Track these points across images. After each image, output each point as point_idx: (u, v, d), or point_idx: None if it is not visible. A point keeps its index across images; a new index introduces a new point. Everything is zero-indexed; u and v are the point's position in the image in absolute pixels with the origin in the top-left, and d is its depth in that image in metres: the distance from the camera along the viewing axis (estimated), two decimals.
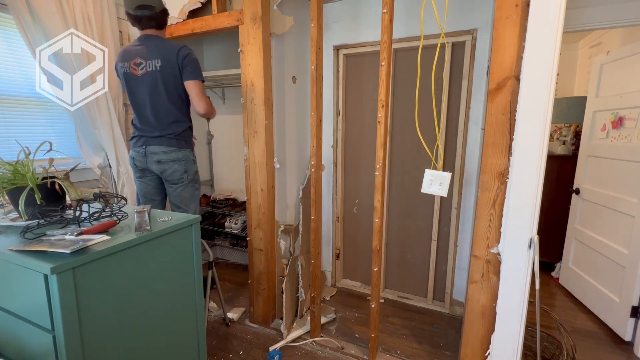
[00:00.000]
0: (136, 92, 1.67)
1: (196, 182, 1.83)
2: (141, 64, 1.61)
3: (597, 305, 2.25)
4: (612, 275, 2.11)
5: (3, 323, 1.01)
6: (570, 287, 2.55)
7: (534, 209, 1.24)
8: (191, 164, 1.78)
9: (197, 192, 1.85)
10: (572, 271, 2.52)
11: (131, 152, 1.78)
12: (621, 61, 2.14)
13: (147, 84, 1.64)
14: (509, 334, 1.36)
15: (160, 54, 1.60)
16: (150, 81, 1.63)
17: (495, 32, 1.24)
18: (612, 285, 2.11)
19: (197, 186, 1.84)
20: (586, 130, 2.45)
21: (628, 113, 2.06)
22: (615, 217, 2.11)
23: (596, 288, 2.25)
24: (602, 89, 2.33)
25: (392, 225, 2.48)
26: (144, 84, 1.64)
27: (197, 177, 1.85)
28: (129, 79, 1.67)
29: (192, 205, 1.81)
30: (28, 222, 1.11)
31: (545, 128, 1.19)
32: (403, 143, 2.33)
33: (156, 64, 1.60)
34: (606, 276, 2.16)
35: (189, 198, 1.80)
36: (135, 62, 1.61)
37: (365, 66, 2.37)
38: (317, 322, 1.97)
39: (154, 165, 1.73)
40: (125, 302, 1.04)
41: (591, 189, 2.36)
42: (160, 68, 1.61)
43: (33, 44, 1.73)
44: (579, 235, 2.46)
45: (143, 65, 1.61)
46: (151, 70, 1.61)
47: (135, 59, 1.61)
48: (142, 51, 1.61)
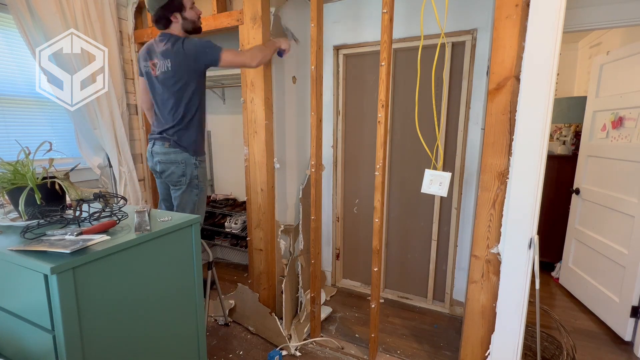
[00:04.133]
0: (153, 92, 1.68)
1: (196, 187, 1.75)
2: (156, 63, 1.61)
3: (597, 305, 2.25)
4: (612, 275, 2.11)
5: (3, 323, 1.01)
6: (570, 287, 2.55)
7: (534, 209, 1.24)
8: (191, 168, 1.71)
9: (196, 197, 1.77)
10: (572, 271, 2.52)
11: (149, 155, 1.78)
12: (621, 61, 2.14)
13: (160, 84, 1.64)
14: (509, 334, 1.36)
15: (170, 54, 1.57)
16: (163, 81, 1.62)
17: (495, 32, 1.24)
18: (612, 285, 2.11)
19: (198, 192, 1.76)
20: (586, 130, 2.45)
21: (628, 113, 2.05)
22: (615, 217, 2.11)
23: (596, 288, 2.25)
24: (602, 89, 2.32)
25: (392, 225, 2.48)
26: (158, 84, 1.65)
27: (199, 183, 1.76)
28: (149, 78, 1.67)
29: (187, 210, 1.74)
30: (28, 222, 1.11)
31: (545, 128, 1.19)
32: (403, 143, 2.34)
33: (167, 64, 1.59)
34: (606, 276, 2.16)
35: (186, 202, 1.75)
36: (153, 63, 1.62)
37: (365, 66, 2.37)
38: (317, 322, 1.97)
39: (157, 166, 1.72)
40: (125, 302, 1.04)
41: (591, 189, 2.35)
42: (170, 68, 1.59)
43: (33, 44, 1.73)
44: (579, 235, 2.46)
45: (158, 65, 1.61)
46: (164, 71, 1.60)
47: (154, 59, 1.62)
48: (158, 51, 1.61)
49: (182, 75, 1.60)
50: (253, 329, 2.06)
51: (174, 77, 1.60)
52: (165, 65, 1.59)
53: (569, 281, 2.56)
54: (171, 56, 1.57)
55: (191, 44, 1.58)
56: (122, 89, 2.14)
